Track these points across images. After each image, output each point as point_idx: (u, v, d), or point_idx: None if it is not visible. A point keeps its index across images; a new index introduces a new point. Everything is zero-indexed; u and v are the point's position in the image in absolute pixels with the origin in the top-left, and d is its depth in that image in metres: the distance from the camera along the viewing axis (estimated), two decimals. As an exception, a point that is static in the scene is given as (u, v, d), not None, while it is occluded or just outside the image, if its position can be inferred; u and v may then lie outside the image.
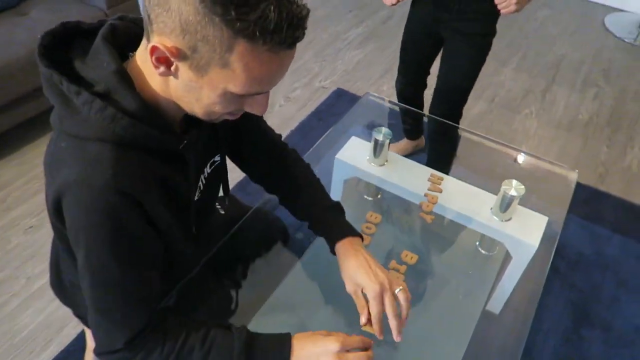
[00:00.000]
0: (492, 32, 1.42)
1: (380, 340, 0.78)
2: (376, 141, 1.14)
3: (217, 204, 1.14)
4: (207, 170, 0.81)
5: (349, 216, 1.02)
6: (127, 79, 0.60)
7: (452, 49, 1.48)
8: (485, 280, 1.07)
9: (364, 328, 0.80)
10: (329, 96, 2.23)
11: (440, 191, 1.09)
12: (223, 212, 1.12)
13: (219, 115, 0.64)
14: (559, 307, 1.45)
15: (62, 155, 0.61)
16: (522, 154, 1.36)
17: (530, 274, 1.06)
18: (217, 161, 0.83)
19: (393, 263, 0.93)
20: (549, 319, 1.41)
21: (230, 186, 1.80)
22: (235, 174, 1.87)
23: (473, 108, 2.24)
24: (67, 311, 1.09)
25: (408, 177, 1.15)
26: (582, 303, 1.46)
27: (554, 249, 1.04)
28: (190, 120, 0.70)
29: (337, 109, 2.15)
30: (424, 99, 1.74)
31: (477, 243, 1.13)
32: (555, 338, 1.37)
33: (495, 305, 1.04)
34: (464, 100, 1.56)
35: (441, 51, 1.53)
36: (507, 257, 1.09)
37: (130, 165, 0.61)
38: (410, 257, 0.95)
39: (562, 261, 1.56)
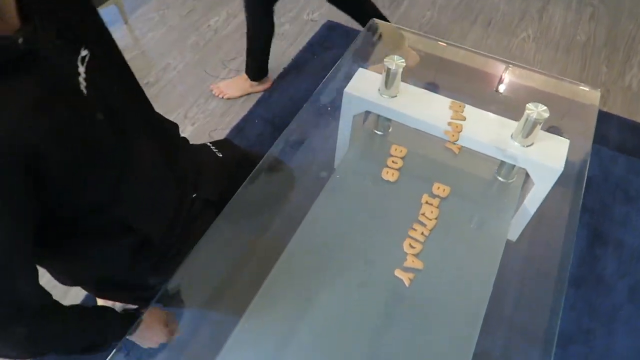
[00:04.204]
0: None
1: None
2: (388, 70, 1.07)
3: (212, 146, 1.07)
4: (81, 70, 0.63)
5: (362, 153, 0.96)
6: None
7: None
8: (507, 208, 1.05)
9: (396, 273, 0.78)
10: (320, 29, 2.10)
11: (464, 119, 1.03)
12: (221, 155, 1.05)
13: None
14: (570, 229, 1.46)
15: None
16: (534, 73, 1.31)
17: (550, 201, 1.05)
18: (85, 55, 0.64)
19: (425, 197, 0.90)
20: (560, 242, 1.43)
21: (226, 132, 1.72)
22: (230, 117, 1.79)
23: (468, 34, 2.15)
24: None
25: (426, 107, 1.08)
26: (594, 223, 1.47)
27: (586, 173, 1.02)
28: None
29: (330, 42, 2.03)
30: None
31: (495, 171, 1.10)
32: (571, 260, 1.39)
33: (513, 232, 1.03)
34: None
35: None
36: (526, 184, 1.07)
37: None
38: (443, 190, 0.91)
39: (570, 185, 1.56)
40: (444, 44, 1.44)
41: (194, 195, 0.91)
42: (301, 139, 1.16)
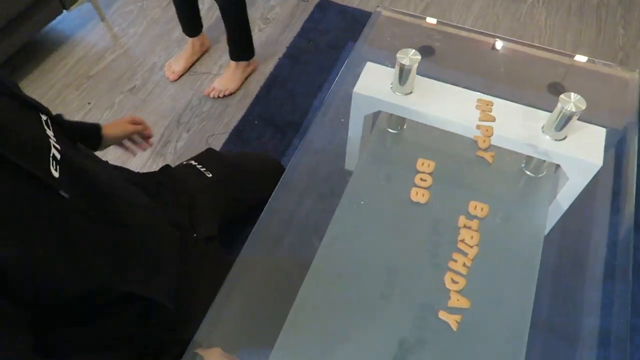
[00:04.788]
0: None
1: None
2: (402, 66, 0.95)
3: (198, 165, 0.97)
4: (50, 133, 0.56)
5: (378, 157, 0.85)
6: None
7: None
8: (541, 207, 0.96)
9: (441, 316, 0.69)
10: (313, 11, 1.95)
11: (494, 120, 0.92)
12: (210, 175, 0.95)
13: None
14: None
15: None
16: (555, 54, 1.18)
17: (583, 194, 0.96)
18: (46, 119, 0.58)
19: (462, 219, 0.79)
20: (591, 230, 1.34)
21: (224, 136, 1.59)
22: (227, 118, 1.66)
23: (474, 2, 2.00)
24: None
25: (448, 104, 0.97)
26: (624, 208, 1.38)
27: (635, 166, 0.92)
28: None
29: (325, 25, 1.89)
30: None
31: (522, 165, 1.00)
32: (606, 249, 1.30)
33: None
34: None
35: None
36: (557, 177, 0.98)
37: None
38: (481, 209, 0.80)
39: (597, 164, 1.45)
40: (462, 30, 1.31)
41: (194, 236, 0.82)
42: (312, 143, 1.06)
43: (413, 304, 0.74)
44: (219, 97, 1.66)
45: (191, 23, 1.71)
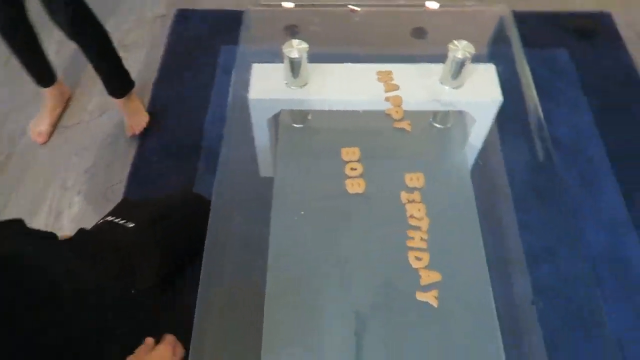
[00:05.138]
0: None
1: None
2: (291, 60, 0.90)
3: (115, 218, 0.90)
4: None
5: (291, 157, 0.84)
6: None
7: None
8: (461, 155, 0.98)
9: (418, 297, 0.67)
10: (174, 23, 1.82)
11: (398, 88, 0.91)
12: (132, 225, 0.89)
13: None
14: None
15: None
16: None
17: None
18: None
19: (404, 195, 0.77)
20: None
21: (122, 185, 1.42)
22: (118, 165, 1.48)
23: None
24: None
25: (350, 85, 0.94)
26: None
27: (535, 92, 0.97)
28: None
29: (191, 33, 1.77)
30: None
31: (431, 119, 1.01)
32: (520, 170, 1.38)
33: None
34: None
35: None
36: (465, 120, 1.00)
37: None
38: (417, 179, 0.79)
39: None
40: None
41: (132, 292, 0.77)
42: (228, 165, 0.99)
43: (388, 294, 0.71)
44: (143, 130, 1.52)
45: (42, 71, 1.51)
